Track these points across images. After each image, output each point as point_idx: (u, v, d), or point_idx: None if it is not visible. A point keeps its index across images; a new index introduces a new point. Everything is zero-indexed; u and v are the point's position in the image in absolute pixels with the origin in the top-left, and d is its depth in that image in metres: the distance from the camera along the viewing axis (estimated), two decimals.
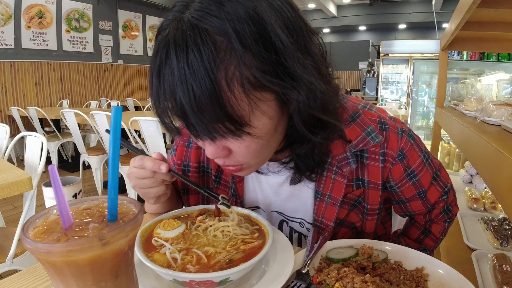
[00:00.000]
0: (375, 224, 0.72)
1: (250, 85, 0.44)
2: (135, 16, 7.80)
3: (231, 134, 0.46)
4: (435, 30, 7.76)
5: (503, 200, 0.58)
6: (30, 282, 0.55)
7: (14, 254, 1.37)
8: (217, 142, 0.50)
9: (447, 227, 0.80)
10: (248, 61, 0.43)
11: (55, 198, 0.35)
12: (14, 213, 3.02)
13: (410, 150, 0.66)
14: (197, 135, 0.48)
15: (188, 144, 0.77)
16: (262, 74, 0.44)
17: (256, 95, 0.45)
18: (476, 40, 1.79)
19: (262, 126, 0.48)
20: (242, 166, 0.56)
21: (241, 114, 0.45)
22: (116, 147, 0.38)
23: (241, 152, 0.51)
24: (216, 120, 0.44)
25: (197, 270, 0.47)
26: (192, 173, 0.77)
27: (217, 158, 0.54)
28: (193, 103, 0.43)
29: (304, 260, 0.57)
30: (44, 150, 1.55)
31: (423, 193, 0.71)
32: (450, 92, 1.96)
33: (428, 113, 4.13)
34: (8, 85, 5.55)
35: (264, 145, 0.51)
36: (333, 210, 0.67)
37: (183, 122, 0.46)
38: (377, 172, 0.66)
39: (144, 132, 2.45)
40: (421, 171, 0.68)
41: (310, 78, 0.47)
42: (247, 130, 0.46)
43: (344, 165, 0.64)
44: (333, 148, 0.64)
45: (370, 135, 0.63)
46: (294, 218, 0.74)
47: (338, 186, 0.65)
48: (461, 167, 2.27)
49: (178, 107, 0.44)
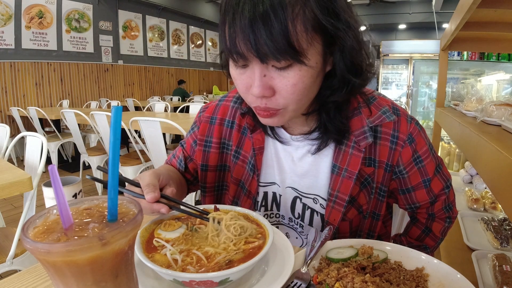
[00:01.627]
0: (375, 203, 0.75)
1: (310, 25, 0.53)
2: (135, 16, 7.81)
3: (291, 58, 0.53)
4: (435, 30, 7.76)
5: (503, 200, 0.58)
6: (30, 282, 0.55)
7: (14, 254, 1.36)
8: (265, 80, 0.56)
9: (447, 227, 0.81)
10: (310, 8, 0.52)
11: (55, 198, 0.35)
12: (14, 213, 3.02)
13: (418, 136, 0.71)
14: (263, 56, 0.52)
15: (211, 120, 0.82)
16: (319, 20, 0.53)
17: (312, 35, 0.53)
18: (476, 40, 1.79)
19: (313, 62, 0.56)
20: (279, 111, 0.60)
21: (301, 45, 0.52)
22: (116, 147, 0.38)
23: (286, 92, 0.57)
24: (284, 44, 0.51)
25: (197, 271, 0.47)
26: (213, 149, 0.81)
27: (257, 99, 0.59)
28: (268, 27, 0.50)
29: (304, 260, 0.57)
30: (44, 150, 1.55)
31: (428, 182, 0.74)
32: (450, 92, 1.96)
33: (428, 113, 4.13)
34: (8, 85, 5.55)
35: (307, 88, 0.57)
36: (349, 184, 0.70)
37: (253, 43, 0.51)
38: (386, 152, 0.71)
39: (144, 132, 2.45)
40: (427, 158, 0.73)
41: (355, 29, 0.58)
42: (302, 59, 0.53)
43: (361, 139, 0.69)
44: (351, 124, 0.70)
45: (385, 114, 0.71)
46: (308, 194, 0.76)
47: (355, 160, 0.70)
48: (461, 167, 2.27)
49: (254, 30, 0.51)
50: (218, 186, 0.85)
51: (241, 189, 0.81)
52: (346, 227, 0.75)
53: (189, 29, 9.46)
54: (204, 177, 0.83)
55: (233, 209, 0.65)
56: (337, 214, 0.72)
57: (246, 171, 0.79)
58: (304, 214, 0.78)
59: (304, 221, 0.78)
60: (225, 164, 0.83)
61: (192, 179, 0.87)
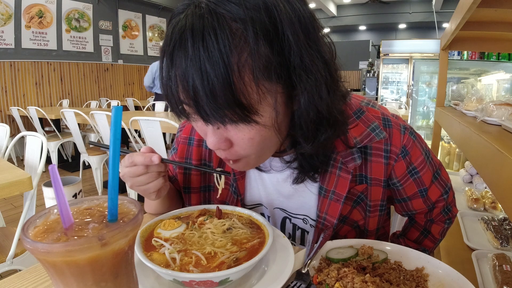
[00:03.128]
0: (377, 222, 0.72)
1: (261, 74, 0.44)
2: (135, 16, 7.80)
3: (240, 120, 0.46)
4: (435, 30, 7.76)
5: (503, 200, 0.58)
6: (30, 282, 0.55)
7: (14, 254, 1.37)
8: (220, 133, 0.50)
9: (446, 228, 0.80)
10: (260, 50, 0.44)
11: (56, 198, 0.35)
12: (14, 213, 3.02)
13: (413, 147, 0.67)
14: (206, 119, 0.47)
15: (189, 141, 0.77)
16: (272, 65, 0.45)
17: (265, 85, 0.45)
18: (476, 40, 1.78)
19: (268, 117, 0.48)
20: (242, 159, 0.55)
21: (250, 101, 0.45)
22: (116, 147, 0.38)
23: (244, 144, 0.51)
24: (226, 105, 0.44)
25: (199, 270, 0.47)
26: (194, 171, 0.78)
27: (218, 150, 0.53)
28: (205, 85, 0.43)
29: (304, 260, 0.57)
30: (44, 150, 1.55)
31: (424, 191, 0.71)
32: (450, 92, 1.96)
33: (428, 113, 4.13)
34: (8, 85, 5.55)
35: (267, 139, 0.51)
36: (336, 206, 0.67)
37: (193, 104, 0.45)
38: (381, 169, 0.67)
39: (144, 132, 2.45)
40: (423, 169, 0.69)
41: (318, 75, 0.48)
42: (254, 118, 0.46)
43: (349, 161, 0.64)
44: (338, 144, 0.64)
45: (375, 131, 0.64)
46: (297, 214, 0.74)
47: (343, 182, 0.65)
48: (461, 167, 2.27)
49: (190, 89, 0.44)
50: None
51: None
52: None
53: None
54: (188, 199, 0.80)
55: (235, 210, 0.65)
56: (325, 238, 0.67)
57: (230, 193, 0.75)
58: (295, 234, 0.76)
59: (296, 241, 0.77)
60: (209, 184, 0.79)
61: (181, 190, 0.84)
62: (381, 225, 0.74)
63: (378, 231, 0.75)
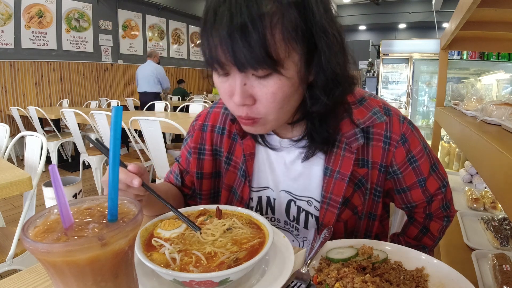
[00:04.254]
0: (370, 205, 0.75)
1: (289, 34, 0.53)
2: (135, 16, 7.80)
3: (268, 68, 0.53)
4: (435, 29, 7.75)
5: (503, 199, 0.58)
6: (30, 282, 0.55)
7: (14, 254, 1.37)
8: (246, 89, 0.57)
9: (445, 226, 0.81)
10: (290, 15, 0.53)
11: (56, 197, 0.35)
12: (14, 213, 3.02)
13: (411, 135, 0.71)
14: (241, 68, 0.54)
15: (203, 128, 0.83)
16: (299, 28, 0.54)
17: (291, 44, 0.54)
18: (476, 39, 1.79)
19: (292, 72, 0.56)
20: (260, 120, 0.61)
21: (279, 55, 0.53)
22: (116, 147, 0.38)
23: (266, 100, 0.57)
24: (260, 55, 0.51)
25: (199, 270, 0.47)
26: (207, 156, 0.82)
27: (238, 108, 0.60)
28: (244, 39, 0.51)
29: (304, 260, 0.57)
30: (44, 150, 1.55)
31: (423, 181, 0.74)
32: (450, 91, 1.96)
33: (428, 112, 4.13)
34: (8, 84, 5.55)
35: (287, 97, 0.58)
36: (341, 185, 0.71)
37: (231, 55, 0.52)
38: (379, 153, 0.71)
39: (144, 132, 2.45)
40: (421, 158, 0.73)
41: (334, 41, 0.57)
42: (279, 69, 0.54)
43: (352, 141, 0.69)
44: (342, 127, 0.70)
45: (376, 115, 0.70)
46: (302, 197, 0.77)
47: (347, 161, 0.70)
48: (461, 167, 2.27)
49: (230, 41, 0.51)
50: (213, 193, 0.86)
51: (233, 195, 0.81)
52: (341, 228, 0.75)
53: (189, 28, 9.45)
54: (199, 185, 0.84)
55: (235, 210, 0.65)
56: (331, 216, 0.72)
57: (237, 177, 0.79)
58: (299, 216, 0.78)
59: (299, 224, 0.79)
60: (219, 170, 0.83)
61: (190, 192, 0.88)
62: (374, 211, 0.76)
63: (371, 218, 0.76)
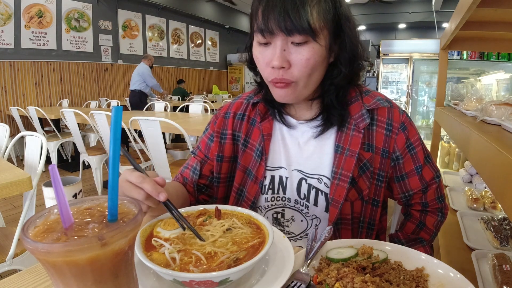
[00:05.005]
0: (373, 191, 0.82)
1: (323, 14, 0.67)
2: (135, 16, 7.80)
3: (307, 34, 0.66)
4: (435, 29, 7.75)
5: (503, 199, 0.58)
6: (30, 282, 0.55)
7: (14, 254, 1.37)
8: (284, 55, 0.68)
9: (439, 221, 0.86)
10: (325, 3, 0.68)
11: (56, 197, 0.35)
12: (14, 213, 3.02)
13: (409, 125, 0.81)
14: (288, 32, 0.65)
15: (226, 115, 0.92)
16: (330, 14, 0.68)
17: (325, 22, 0.68)
18: (476, 39, 1.79)
19: (323, 42, 0.69)
20: (291, 84, 0.71)
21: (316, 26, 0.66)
22: (116, 147, 0.38)
23: (300, 65, 0.68)
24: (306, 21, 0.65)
25: (199, 270, 0.47)
26: (228, 140, 0.90)
27: (274, 71, 0.70)
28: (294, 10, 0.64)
29: (304, 260, 0.57)
30: (44, 150, 1.54)
31: (420, 169, 0.82)
32: (450, 91, 1.96)
33: (428, 112, 4.13)
34: (8, 84, 5.54)
35: (317, 65, 0.70)
36: (351, 162, 0.78)
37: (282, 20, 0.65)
38: (382, 139, 0.80)
39: (144, 132, 2.45)
40: (418, 146, 0.82)
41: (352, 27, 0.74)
42: (315, 37, 0.66)
43: (360, 121, 0.79)
44: (351, 110, 0.80)
45: (380, 101, 0.81)
46: (313, 175, 0.83)
47: (355, 140, 0.79)
48: (461, 167, 2.27)
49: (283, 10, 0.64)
50: (229, 177, 0.92)
51: (247, 176, 0.88)
52: (348, 208, 0.81)
53: (189, 28, 9.45)
54: (219, 168, 0.90)
55: (235, 210, 0.65)
56: (342, 190, 0.78)
57: (253, 158, 0.86)
58: (310, 194, 0.83)
59: (310, 201, 0.84)
60: (236, 155, 0.90)
61: (207, 182, 0.92)
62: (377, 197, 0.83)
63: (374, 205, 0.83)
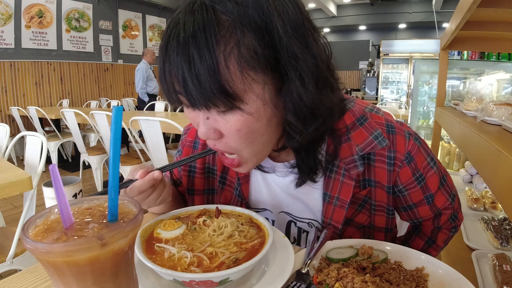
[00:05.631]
0: (385, 222, 0.71)
1: (246, 64, 0.46)
2: (135, 16, 7.79)
3: (225, 106, 0.48)
4: (435, 29, 7.76)
5: (503, 199, 0.58)
6: (30, 282, 0.55)
7: (14, 253, 1.37)
8: (209, 123, 0.52)
9: (450, 236, 0.79)
10: (247, 41, 0.46)
11: (56, 197, 0.35)
12: (14, 213, 3.02)
13: (417, 153, 0.66)
14: (194, 105, 0.49)
15: (194, 145, 0.79)
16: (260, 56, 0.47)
17: (251, 75, 0.47)
18: (476, 39, 1.78)
19: (254, 107, 0.50)
20: (237, 159, 0.57)
21: (235, 90, 0.47)
22: (117, 147, 0.38)
23: (232, 136, 0.52)
24: (211, 91, 0.46)
25: (199, 270, 0.47)
26: (198, 174, 0.79)
27: (208, 140, 0.56)
28: (192, 73, 0.46)
29: (304, 260, 0.57)
30: (44, 150, 1.55)
31: (431, 198, 0.70)
32: (450, 91, 1.96)
33: (428, 112, 4.12)
34: (8, 84, 5.55)
35: (255, 132, 0.52)
36: (341, 212, 0.67)
37: (183, 91, 0.48)
38: (384, 175, 0.66)
39: (144, 132, 2.45)
40: (428, 174, 0.69)
41: (306, 68, 0.49)
42: (240, 106, 0.48)
43: (351, 168, 0.65)
44: (340, 151, 0.65)
45: (378, 139, 0.64)
46: (302, 218, 0.74)
47: (346, 188, 0.66)
48: (461, 167, 2.27)
49: (180, 77, 0.47)
50: None
51: None
52: None
53: None
54: (191, 201, 0.81)
55: (235, 210, 0.65)
56: (335, 238, 0.68)
57: (234, 196, 0.76)
58: (300, 238, 0.76)
59: (301, 245, 0.76)
60: (213, 188, 0.80)
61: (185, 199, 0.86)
62: (390, 226, 0.73)
63: (388, 231, 0.73)
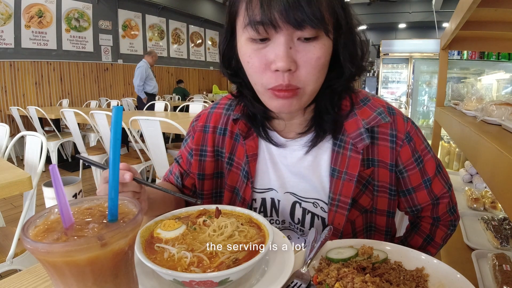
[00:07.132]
0: (387, 204, 0.74)
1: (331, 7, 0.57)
2: (135, 16, 7.80)
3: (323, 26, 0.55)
4: (435, 29, 7.75)
5: (503, 199, 0.58)
6: (30, 282, 0.55)
7: (14, 253, 1.37)
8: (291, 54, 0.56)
9: (449, 234, 0.80)
10: None
11: (56, 197, 0.35)
12: (14, 213, 3.02)
13: (415, 135, 0.72)
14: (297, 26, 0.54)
15: (205, 129, 0.82)
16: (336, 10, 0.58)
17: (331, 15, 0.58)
18: (476, 39, 1.78)
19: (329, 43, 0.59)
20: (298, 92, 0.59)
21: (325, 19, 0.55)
22: (117, 147, 0.38)
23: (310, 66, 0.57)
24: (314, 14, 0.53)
25: (199, 271, 0.47)
26: (208, 157, 0.82)
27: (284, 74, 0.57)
28: None
29: (304, 260, 0.57)
30: (44, 150, 1.55)
31: (428, 182, 0.74)
32: (450, 91, 1.96)
33: (428, 112, 4.13)
34: (8, 84, 5.55)
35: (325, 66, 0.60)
36: (350, 186, 0.70)
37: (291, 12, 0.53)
38: (387, 152, 0.71)
39: (144, 132, 2.45)
40: (426, 157, 0.73)
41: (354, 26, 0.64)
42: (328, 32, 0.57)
43: (358, 141, 0.69)
44: (347, 127, 0.70)
45: (380, 115, 0.70)
46: (307, 198, 0.75)
47: (354, 162, 0.70)
48: (461, 167, 2.27)
49: None
50: (215, 193, 0.85)
51: (236, 196, 0.80)
52: (349, 229, 0.75)
53: (189, 28, 9.45)
54: (201, 185, 0.83)
55: (235, 210, 0.65)
56: (341, 217, 0.71)
57: (240, 178, 0.78)
58: (305, 219, 0.76)
59: (305, 226, 0.77)
60: (221, 171, 0.83)
61: (190, 193, 0.88)
62: (392, 209, 0.75)
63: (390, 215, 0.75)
